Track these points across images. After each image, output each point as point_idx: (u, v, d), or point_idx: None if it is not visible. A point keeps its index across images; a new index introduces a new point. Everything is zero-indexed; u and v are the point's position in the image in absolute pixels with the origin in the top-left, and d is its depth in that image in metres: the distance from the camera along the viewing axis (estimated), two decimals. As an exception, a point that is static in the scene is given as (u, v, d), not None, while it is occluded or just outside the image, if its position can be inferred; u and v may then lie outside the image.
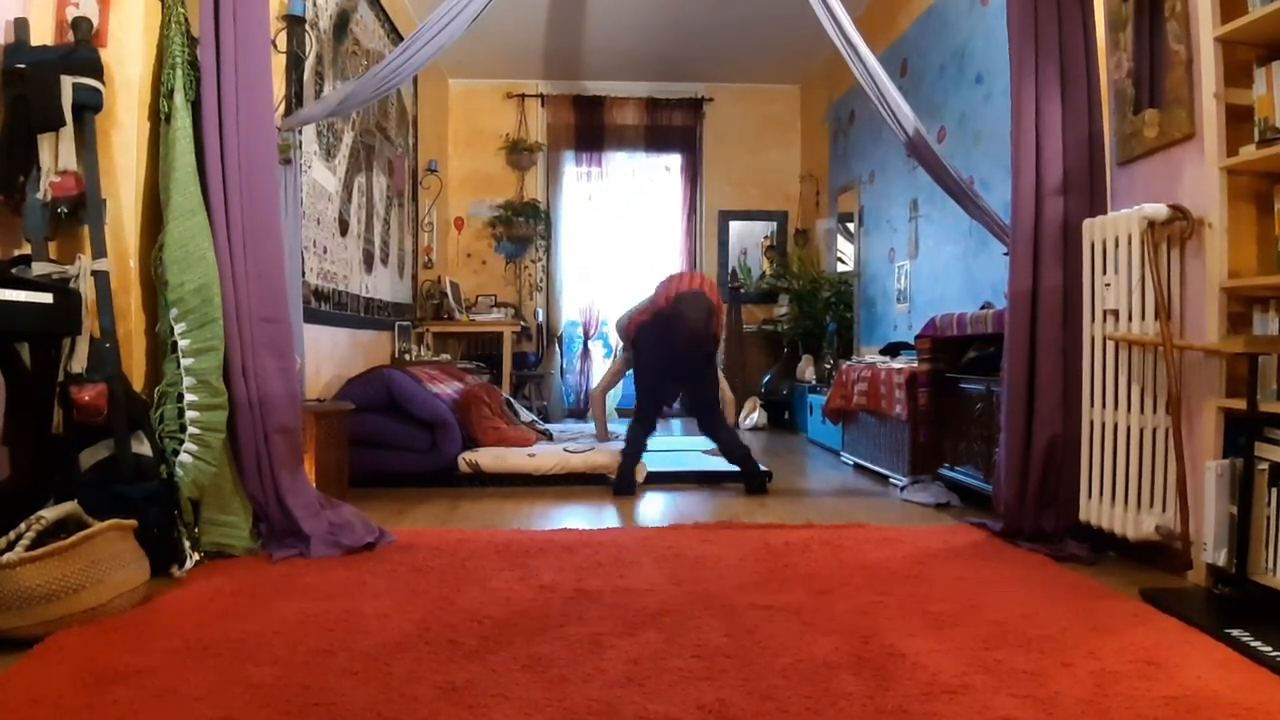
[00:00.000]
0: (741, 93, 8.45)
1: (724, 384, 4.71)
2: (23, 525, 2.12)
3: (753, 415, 7.37)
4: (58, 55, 2.53)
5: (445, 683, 1.75)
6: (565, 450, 4.46)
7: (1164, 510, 2.61)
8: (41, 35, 2.60)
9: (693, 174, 8.51)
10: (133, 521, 2.29)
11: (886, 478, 4.47)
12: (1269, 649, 1.92)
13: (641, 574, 2.60)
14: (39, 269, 2.44)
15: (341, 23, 5.06)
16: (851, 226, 6.89)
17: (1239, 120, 2.42)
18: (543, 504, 3.83)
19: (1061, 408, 2.95)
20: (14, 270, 2.41)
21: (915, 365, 4.27)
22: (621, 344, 5.10)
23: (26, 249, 2.50)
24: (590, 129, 8.37)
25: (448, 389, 4.86)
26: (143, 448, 2.59)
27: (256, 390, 2.82)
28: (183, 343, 2.69)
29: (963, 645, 1.98)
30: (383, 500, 3.84)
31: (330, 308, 4.90)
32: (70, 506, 2.24)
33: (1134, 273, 2.66)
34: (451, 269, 8.00)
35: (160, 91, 2.80)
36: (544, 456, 4.37)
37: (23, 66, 2.48)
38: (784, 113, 8.56)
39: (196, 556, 2.63)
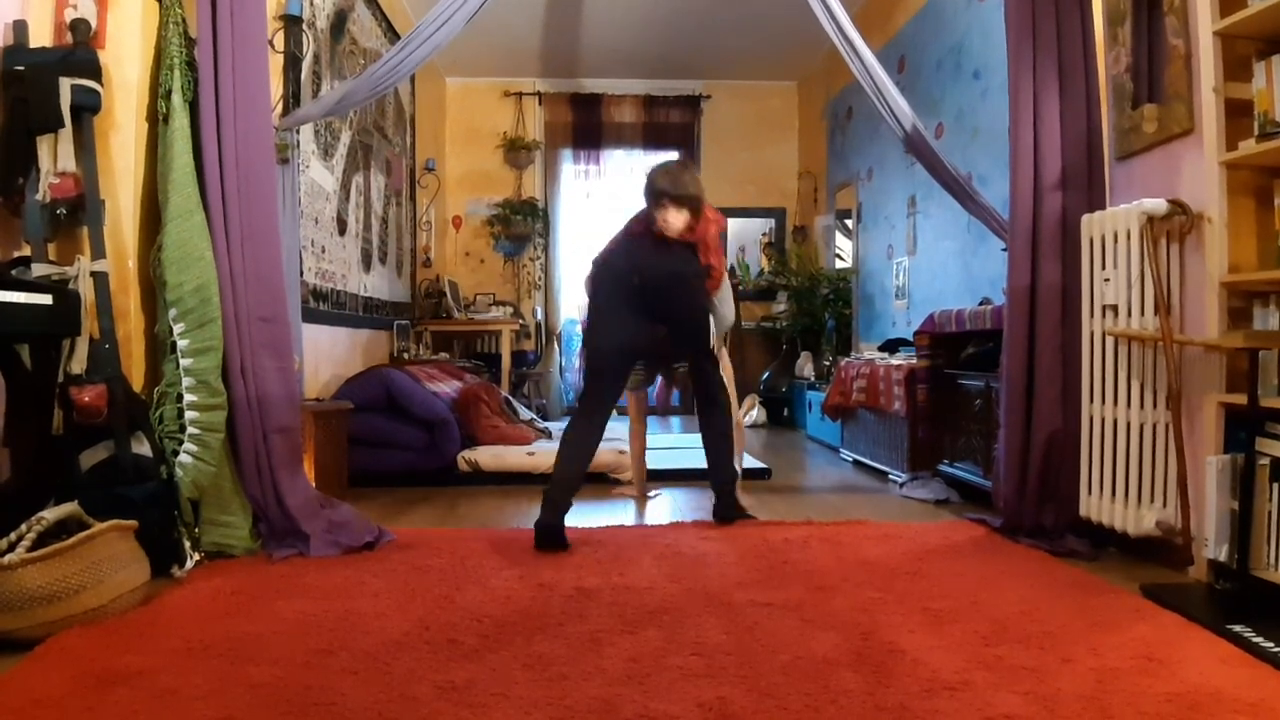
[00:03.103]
0: (739, 89, 8.44)
1: (726, 362, 3.68)
2: (24, 526, 2.12)
3: (752, 412, 7.36)
4: (56, 57, 2.52)
5: (445, 682, 1.75)
6: (565, 448, 4.45)
7: (1164, 506, 2.61)
8: (40, 37, 2.60)
9: (691, 171, 8.49)
10: (133, 522, 2.29)
11: (885, 474, 4.47)
12: (1271, 645, 1.92)
13: (641, 572, 2.60)
14: (38, 270, 2.44)
15: (339, 22, 5.05)
16: (850, 223, 6.89)
17: (1238, 114, 2.42)
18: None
19: (1061, 403, 2.95)
20: (13, 272, 2.41)
21: (914, 361, 4.27)
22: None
23: (26, 250, 2.50)
24: (588, 127, 8.36)
25: (446, 388, 4.85)
26: (142, 448, 2.59)
27: (255, 390, 2.82)
28: (182, 343, 2.69)
29: (963, 642, 1.98)
30: (382, 499, 3.84)
31: (329, 307, 4.90)
32: (71, 507, 2.24)
33: (1133, 268, 2.66)
34: (450, 268, 8.00)
35: (158, 92, 2.79)
36: (543, 455, 4.36)
37: (22, 69, 2.47)
38: (782, 109, 8.56)
39: (197, 557, 2.63)
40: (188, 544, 2.62)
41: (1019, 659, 1.87)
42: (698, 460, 4.69)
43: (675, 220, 3.15)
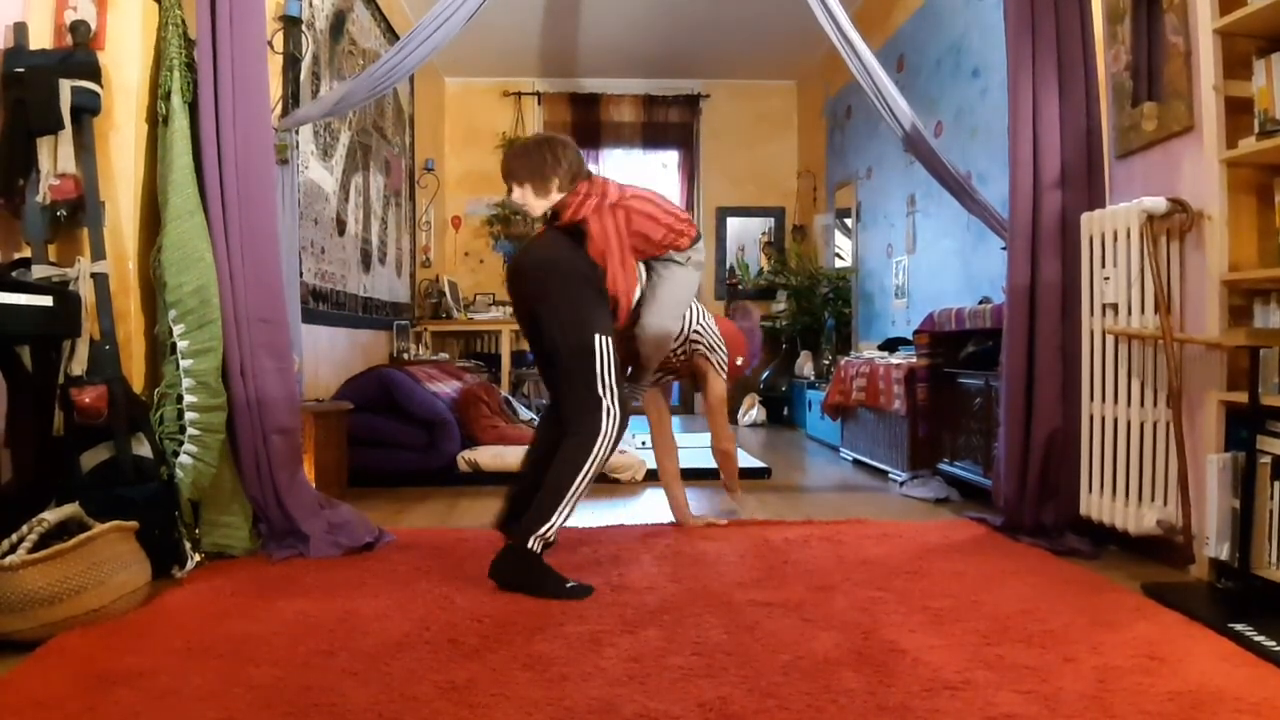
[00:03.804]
0: (738, 89, 8.44)
1: (713, 379, 3.19)
2: (25, 528, 2.12)
3: (751, 411, 7.37)
4: (56, 59, 2.52)
5: (445, 682, 1.75)
6: (565, 448, 4.45)
7: (1165, 504, 2.61)
8: (40, 39, 2.60)
9: (690, 171, 8.51)
10: (134, 523, 2.28)
11: (885, 473, 4.47)
12: (1272, 643, 1.92)
13: (641, 571, 2.60)
14: (39, 272, 2.44)
15: (338, 23, 5.05)
16: (849, 222, 6.89)
17: (1238, 112, 2.42)
18: (543, 502, 3.83)
19: (1061, 402, 2.95)
20: (14, 273, 2.41)
21: (914, 360, 4.27)
22: None
23: (26, 252, 2.50)
24: (587, 126, 8.36)
25: (446, 388, 4.85)
26: (143, 449, 2.59)
27: (255, 391, 2.82)
28: (182, 344, 2.69)
29: (964, 641, 1.98)
30: (382, 500, 3.84)
31: (328, 308, 4.90)
32: (72, 508, 2.24)
33: (1133, 266, 2.65)
34: (449, 268, 8.00)
35: (158, 94, 2.79)
36: (544, 455, 4.36)
37: (22, 70, 2.48)
38: (781, 108, 8.56)
39: (197, 558, 2.63)
40: (188, 545, 2.62)
41: (1020, 658, 1.87)
42: (698, 460, 4.70)
43: (521, 198, 2.66)
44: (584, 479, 2.50)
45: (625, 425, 2.61)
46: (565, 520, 2.49)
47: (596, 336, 2.52)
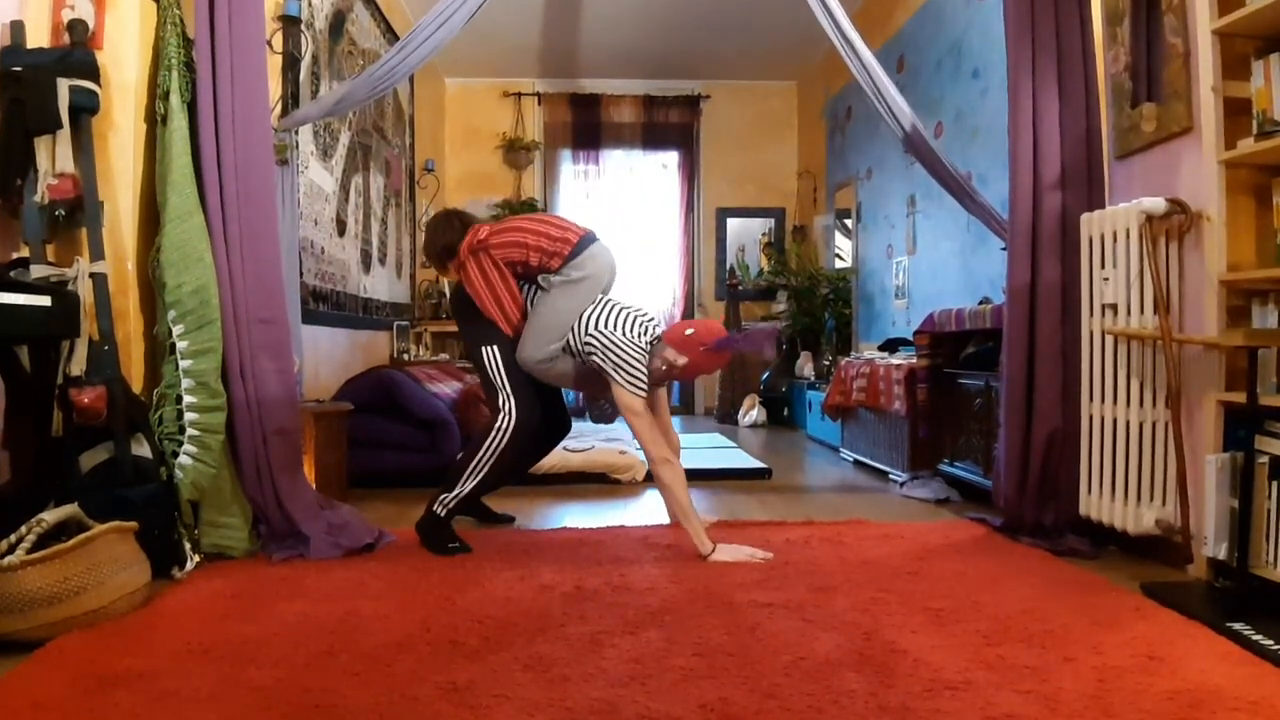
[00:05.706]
0: (738, 90, 8.45)
1: (615, 390, 2.86)
2: (24, 528, 2.12)
3: (751, 412, 7.37)
4: (54, 58, 2.52)
5: (447, 683, 1.75)
6: (565, 449, 4.45)
7: (1164, 504, 2.62)
8: (37, 38, 2.60)
9: (690, 171, 8.51)
10: (133, 524, 2.28)
11: (886, 474, 4.47)
12: (1270, 642, 1.93)
13: (642, 572, 2.59)
14: (37, 272, 2.43)
15: (337, 23, 5.05)
16: (849, 223, 6.89)
17: (1237, 113, 2.43)
18: (543, 503, 3.83)
19: (1061, 402, 2.95)
20: (12, 273, 2.41)
21: (914, 361, 4.27)
22: None
23: (24, 252, 2.50)
24: (587, 127, 8.37)
25: (447, 388, 4.85)
26: (142, 450, 2.59)
27: (255, 391, 2.82)
28: (181, 344, 2.69)
29: (964, 641, 1.98)
30: (382, 500, 3.84)
31: (328, 308, 4.90)
32: (71, 509, 2.24)
33: (1132, 267, 2.66)
34: (449, 269, 7.99)
35: (156, 93, 2.79)
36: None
37: (19, 69, 2.47)
38: (781, 109, 8.56)
39: (196, 558, 2.63)
40: (188, 545, 2.62)
41: (1020, 658, 1.87)
42: (695, 460, 4.70)
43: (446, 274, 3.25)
44: (481, 460, 2.96)
45: (524, 420, 2.97)
46: (465, 492, 2.94)
47: (483, 349, 3.02)
